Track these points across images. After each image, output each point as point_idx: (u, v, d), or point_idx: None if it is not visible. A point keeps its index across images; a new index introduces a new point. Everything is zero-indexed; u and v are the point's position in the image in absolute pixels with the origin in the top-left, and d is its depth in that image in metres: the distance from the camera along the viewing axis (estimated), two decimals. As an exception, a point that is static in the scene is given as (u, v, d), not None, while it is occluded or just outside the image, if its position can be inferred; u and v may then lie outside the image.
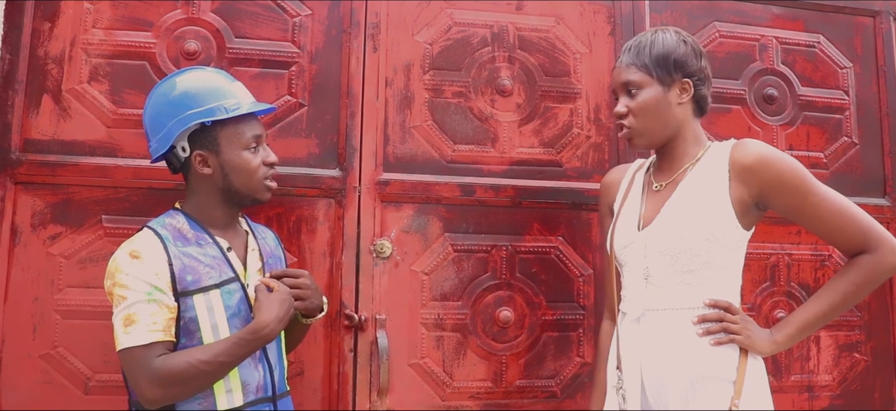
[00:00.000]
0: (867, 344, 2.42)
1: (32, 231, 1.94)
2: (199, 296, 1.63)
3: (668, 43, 1.73)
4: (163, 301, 1.58)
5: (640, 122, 1.72)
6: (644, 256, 1.70)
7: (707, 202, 1.64)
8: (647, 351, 1.67)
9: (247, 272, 1.73)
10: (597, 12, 2.37)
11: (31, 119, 1.98)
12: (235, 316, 1.67)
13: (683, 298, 1.64)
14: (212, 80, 1.74)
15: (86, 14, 2.04)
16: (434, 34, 2.24)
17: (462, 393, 2.13)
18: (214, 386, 1.61)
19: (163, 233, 1.66)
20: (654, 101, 1.71)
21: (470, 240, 2.18)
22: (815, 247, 2.41)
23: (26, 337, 1.91)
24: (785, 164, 1.62)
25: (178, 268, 1.62)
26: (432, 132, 2.20)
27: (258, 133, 1.73)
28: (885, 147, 2.52)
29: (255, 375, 1.67)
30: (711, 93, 2.34)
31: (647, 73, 1.71)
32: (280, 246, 1.92)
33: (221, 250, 1.70)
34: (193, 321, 1.62)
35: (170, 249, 1.64)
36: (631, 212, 1.79)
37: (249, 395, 1.65)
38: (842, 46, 2.55)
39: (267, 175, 1.73)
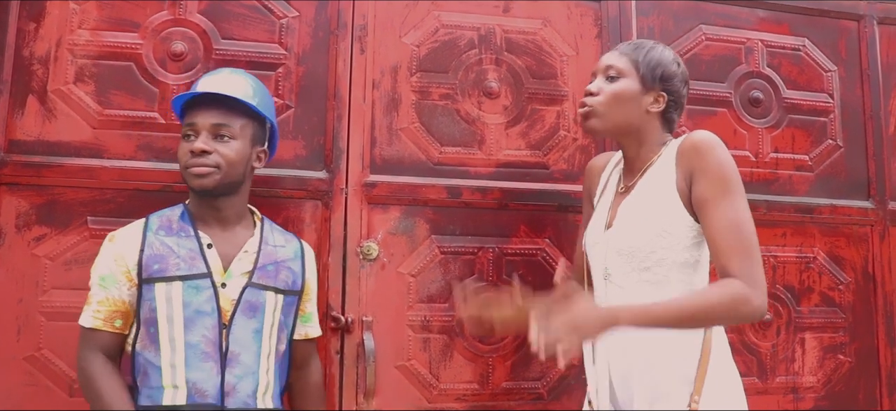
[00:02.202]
0: (851, 345, 2.44)
1: (17, 232, 1.94)
2: (161, 284, 1.65)
3: (664, 56, 1.77)
4: (111, 293, 1.67)
5: (605, 106, 1.74)
6: (605, 256, 1.72)
7: (658, 198, 1.66)
8: (613, 352, 1.68)
9: (228, 272, 1.71)
10: (584, 15, 2.38)
11: (16, 120, 1.97)
12: (202, 314, 1.66)
13: (645, 297, 1.64)
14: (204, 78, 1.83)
15: (72, 14, 2.04)
16: (421, 36, 2.25)
17: (448, 395, 2.13)
18: (163, 379, 1.63)
19: (152, 221, 1.73)
20: (628, 94, 1.73)
21: (457, 242, 2.18)
22: (799, 250, 2.42)
23: (10, 338, 1.90)
24: (715, 154, 1.59)
25: (147, 255, 1.67)
26: (419, 134, 2.20)
27: (192, 121, 1.72)
28: (869, 150, 2.54)
29: (206, 378, 1.64)
30: (697, 95, 2.38)
31: (633, 66, 1.75)
32: (302, 259, 1.85)
33: (200, 245, 1.70)
34: (153, 310, 1.65)
35: (148, 237, 1.69)
36: (602, 211, 1.81)
37: (193, 397, 1.63)
38: (826, 50, 2.57)
39: (188, 164, 1.70)
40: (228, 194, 1.75)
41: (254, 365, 1.70)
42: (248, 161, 1.78)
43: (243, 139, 1.75)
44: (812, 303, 2.42)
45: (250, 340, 1.71)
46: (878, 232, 2.50)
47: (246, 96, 1.76)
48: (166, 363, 1.64)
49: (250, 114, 1.78)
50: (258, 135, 1.80)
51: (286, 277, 1.79)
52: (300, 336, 1.87)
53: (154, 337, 1.65)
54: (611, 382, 1.70)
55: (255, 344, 1.71)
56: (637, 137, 1.76)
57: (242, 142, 1.75)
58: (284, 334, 1.80)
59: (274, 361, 1.76)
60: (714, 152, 1.59)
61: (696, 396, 1.56)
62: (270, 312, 1.75)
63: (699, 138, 1.62)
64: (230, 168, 1.72)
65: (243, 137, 1.75)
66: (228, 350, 1.67)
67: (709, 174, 1.58)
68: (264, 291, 1.74)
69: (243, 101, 1.75)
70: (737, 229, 1.53)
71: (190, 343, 1.65)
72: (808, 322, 2.41)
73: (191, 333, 1.65)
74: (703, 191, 1.58)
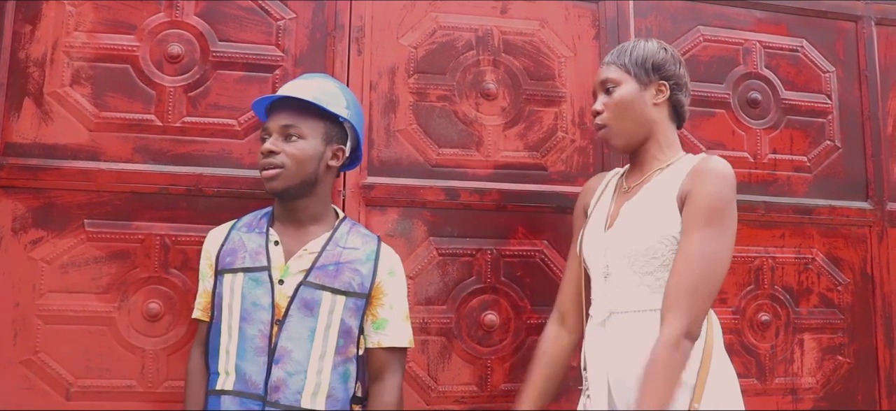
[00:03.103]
0: (850, 346, 2.44)
1: (13, 235, 1.93)
2: (229, 275, 1.74)
3: (648, 47, 1.80)
4: (206, 285, 1.82)
5: (615, 120, 1.76)
6: (605, 257, 1.72)
7: (662, 204, 1.67)
8: (612, 354, 1.68)
9: (285, 269, 1.73)
10: (581, 16, 2.38)
11: (12, 122, 1.97)
12: (259, 307, 1.70)
13: (645, 300, 1.65)
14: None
15: (68, 17, 2.03)
16: (419, 38, 2.24)
17: (447, 397, 2.13)
18: (219, 363, 1.72)
19: (242, 219, 1.84)
20: (629, 98, 1.75)
21: (455, 244, 2.18)
22: (798, 251, 2.42)
23: (7, 342, 1.89)
24: (717, 182, 1.61)
25: (225, 248, 1.78)
26: (417, 136, 2.20)
27: (267, 125, 1.78)
28: (867, 151, 2.54)
29: (254, 369, 1.68)
30: (695, 97, 2.38)
31: (624, 71, 1.77)
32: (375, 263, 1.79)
33: (267, 240, 1.76)
34: (220, 298, 1.75)
35: (231, 233, 1.81)
36: (600, 213, 1.81)
37: (239, 385, 1.68)
38: (824, 50, 2.57)
39: (261, 164, 1.75)
40: (303, 195, 1.77)
41: (304, 364, 1.69)
42: (321, 159, 1.78)
43: (314, 138, 1.76)
44: (811, 304, 2.42)
45: (304, 339, 1.70)
46: (877, 233, 2.50)
47: (317, 97, 1.78)
48: (223, 349, 1.72)
49: (324, 115, 1.79)
50: (333, 134, 1.80)
51: (350, 278, 1.75)
52: (373, 344, 1.79)
53: (218, 325, 1.75)
54: (608, 384, 1.69)
55: (308, 342, 1.70)
56: (651, 137, 1.77)
57: (312, 141, 1.76)
58: (350, 338, 1.75)
59: (330, 363, 1.72)
60: (716, 180, 1.61)
61: (695, 403, 1.56)
62: (326, 313, 1.72)
63: (713, 163, 1.64)
64: (297, 167, 1.73)
65: (314, 136, 1.76)
66: (278, 345, 1.69)
67: (701, 198, 1.60)
68: (320, 291, 1.72)
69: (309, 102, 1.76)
70: (694, 265, 1.55)
71: (244, 333, 1.70)
72: (807, 323, 2.41)
73: (246, 324, 1.70)
74: (688, 212, 1.61)
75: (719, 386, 1.62)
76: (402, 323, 1.81)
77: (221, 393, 1.69)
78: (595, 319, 1.75)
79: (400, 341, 1.80)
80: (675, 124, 1.82)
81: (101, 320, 1.95)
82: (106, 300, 1.96)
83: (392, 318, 1.80)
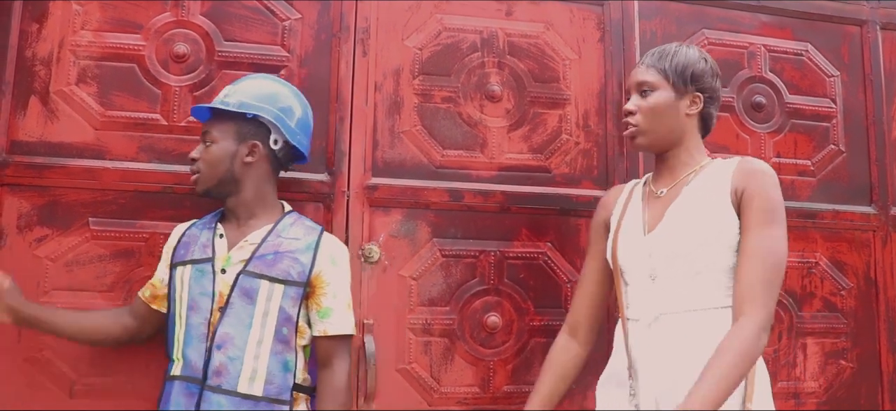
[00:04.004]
0: (853, 351, 2.43)
1: (18, 233, 1.93)
2: (180, 268, 1.83)
3: (689, 56, 1.80)
4: (159, 273, 1.90)
5: (646, 122, 1.77)
6: (650, 260, 1.72)
7: (710, 204, 1.69)
8: (662, 355, 1.68)
9: (227, 260, 1.80)
10: (586, 19, 2.38)
11: (18, 120, 1.97)
12: (203, 296, 1.78)
13: (695, 300, 1.67)
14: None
15: (74, 16, 2.04)
16: (424, 39, 2.25)
17: (449, 398, 2.13)
18: (174, 351, 1.81)
19: (202, 219, 1.91)
20: (664, 105, 1.77)
21: (458, 246, 2.18)
22: (801, 255, 2.42)
23: (11, 340, 1.89)
24: (771, 182, 1.67)
25: (181, 242, 1.87)
26: (421, 137, 2.20)
27: (204, 129, 1.87)
28: (872, 155, 2.54)
29: (196, 355, 1.76)
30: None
31: (663, 77, 1.78)
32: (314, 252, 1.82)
33: (214, 233, 1.85)
34: (174, 289, 1.83)
35: (190, 229, 1.89)
36: (634, 219, 1.81)
37: (186, 370, 1.77)
38: (829, 55, 2.57)
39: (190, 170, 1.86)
40: (230, 193, 1.85)
41: (242, 350, 1.75)
42: (234, 158, 1.84)
43: (224, 140, 1.84)
44: (814, 308, 2.42)
45: (244, 326, 1.76)
46: (881, 237, 2.50)
47: (225, 98, 1.86)
48: (176, 338, 1.81)
49: (234, 116, 1.85)
50: (246, 131, 1.85)
51: (288, 267, 1.80)
52: (319, 332, 1.83)
53: (173, 315, 1.83)
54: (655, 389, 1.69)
55: (247, 330, 1.76)
56: (680, 143, 1.80)
57: (223, 143, 1.84)
58: (290, 325, 1.79)
59: (267, 349, 1.76)
60: (770, 180, 1.67)
61: (748, 404, 1.60)
62: (264, 300, 1.78)
63: (760, 164, 1.70)
64: (209, 169, 1.83)
65: (224, 138, 1.84)
66: (218, 331, 1.75)
67: (760, 197, 1.64)
68: (258, 279, 1.78)
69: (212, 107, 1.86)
70: (765, 259, 1.60)
71: (190, 322, 1.78)
72: (810, 327, 2.40)
73: (192, 312, 1.79)
74: (749, 211, 1.64)
75: (763, 387, 1.65)
76: (345, 311, 1.85)
77: (173, 379, 1.78)
78: (640, 322, 1.73)
79: (345, 329, 1.84)
80: (702, 133, 1.84)
81: (105, 318, 1.95)
82: (110, 298, 1.96)
83: (336, 307, 1.84)
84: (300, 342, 1.83)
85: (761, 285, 1.57)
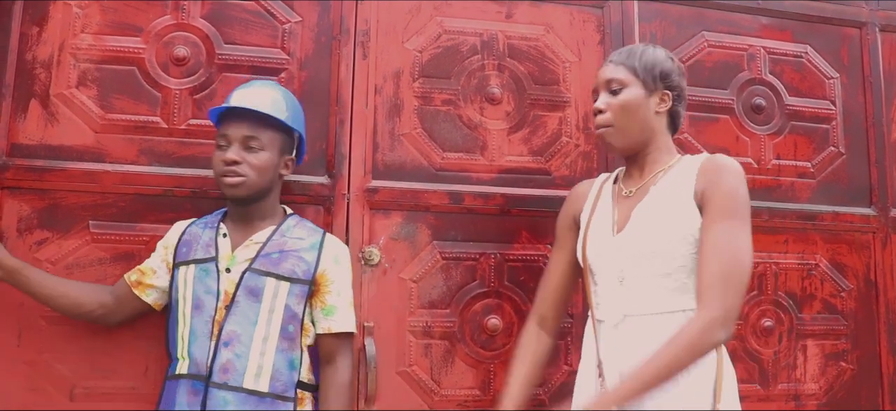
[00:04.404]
0: (853, 352, 2.43)
1: (19, 236, 1.93)
2: (183, 267, 1.84)
3: (657, 55, 1.81)
4: (150, 262, 1.90)
5: (618, 119, 1.77)
6: (618, 260, 1.71)
7: (678, 203, 1.68)
8: (627, 358, 1.66)
9: (232, 259, 1.83)
10: (586, 21, 2.38)
11: (19, 123, 1.97)
12: (207, 294, 1.80)
13: (662, 302, 1.66)
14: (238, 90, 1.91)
15: (75, 19, 2.04)
16: (424, 42, 2.25)
17: (450, 401, 2.13)
18: (178, 351, 1.82)
19: (202, 219, 1.92)
20: (635, 102, 1.76)
21: (458, 248, 2.18)
22: (801, 256, 2.42)
23: (11, 343, 1.89)
24: (733, 178, 1.65)
25: (182, 241, 1.87)
26: (421, 140, 2.20)
27: (225, 133, 1.84)
28: (871, 157, 2.54)
29: (201, 353, 1.77)
30: (700, 102, 2.39)
31: (633, 74, 1.78)
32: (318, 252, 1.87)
33: (216, 233, 1.86)
34: (176, 290, 1.84)
35: (190, 228, 1.89)
36: (603, 219, 1.80)
37: (192, 368, 1.78)
38: (829, 57, 2.57)
39: (222, 172, 1.82)
40: (258, 200, 1.88)
41: (248, 348, 1.77)
42: (276, 169, 1.89)
43: (271, 150, 1.86)
44: (814, 310, 2.42)
45: (249, 323, 1.79)
46: (880, 239, 2.50)
47: (276, 110, 1.86)
48: (180, 337, 1.82)
49: (279, 126, 1.88)
50: (286, 145, 1.91)
51: (294, 266, 1.83)
52: (323, 330, 1.86)
53: (175, 314, 1.84)
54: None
55: (252, 326, 1.79)
56: (650, 142, 1.79)
57: (271, 153, 1.86)
58: (296, 323, 1.83)
59: (273, 346, 1.80)
60: (732, 176, 1.65)
61: (718, 404, 1.59)
62: (270, 297, 1.81)
63: (723, 159, 1.70)
64: (258, 177, 1.83)
65: (272, 148, 1.86)
66: (225, 329, 1.77)
67: (721, 192, 1.63)
68: (265, 277, 1.81)
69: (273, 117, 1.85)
70: (722, 253, 1.58)
71: (195, 320, 1.80)
72: (810, 329, 2.40)
73: (197, 311, 1.80)
74: (710, 207, 1.63)
75: (731, 388, 1.64)
76: (348, 309, 1.90)
77: (178, 378, 1.79)
78: (607, 323, 1.73)
79: (348, 327, 1.89)
80: (671, 131, 1.84)
81: (105, 321, 1.95)
82: (110, 301, 1.96)
83: (340, 305, 1.88)
84: (305, 340, 1.85)
85: (719, 280, 1.55)
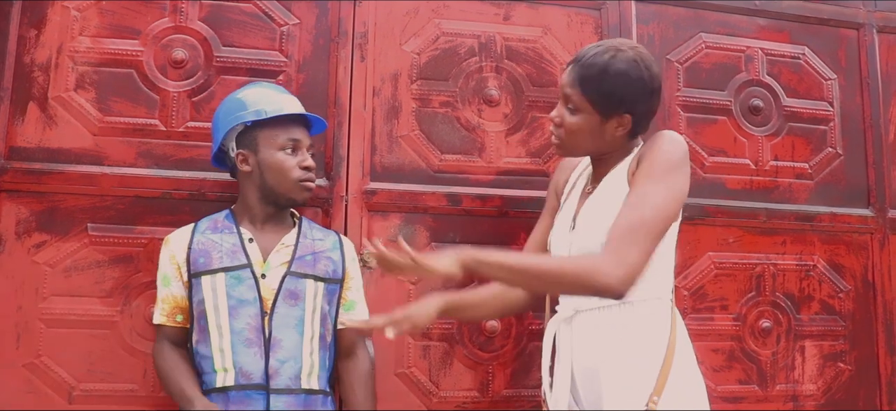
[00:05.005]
0: (851, 353, 2.44)
1: (17, 239, 1.93)
2: (207, 277, 1.79)
3: (619, 77, 1.63)
4: (172, 290, 1.82)
5: (567, 140, 1.73)
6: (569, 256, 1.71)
7: (616, 198, 1.64)
8: (576, 351, 1.67)
9: (267, 264, 1.83)
10: (584, 23, 2.38)
11: (17, 126, 1.98)
12: (245, 303, 1.78)
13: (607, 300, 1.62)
14: (262, 90, 1.93)
15: (73, 21, 2.04)
16: (422, 44, 2.25)
17: (448, 402, 2.13)
18: (214, 364, 1.77)
19: (200, 224, 1.87)
20: (587, 128, 1.68)
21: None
22: (799, 257, 2.42)
23: (9, 345, 1.90)
24: (665, 144, 1.60)
25: (194, 251, 1.81)
26: (419, 142, 2.21)
27: (295, 137, 1.87)
28: (869, 158, 2.54)
29: (251, 361, 1.76)
30: (697, 103, 2.38)
31: (589, 102, 1.65)
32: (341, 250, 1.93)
33: (241, 239, 1.84)
34: (201, 302, 1.79)
35: (196, 236, 1.84)
36: (567, 212, 1.80)
37: (241, 379, 1.75)
38: (826, 58, 2.57)
39: (302, 177, 1.86)
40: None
41: (297, 349, 1.80)
42: None
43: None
44: (812, 310, 2.42)
45: (292, 326, 1.80)
46: (878, 240, 2.50)
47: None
48: (216, 349, 1.78)
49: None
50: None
51: (326, 266, 1.88)
52: (344, 324, 1.88)
53: (204, 327, 1.79)
54: (573, 380, 1.69)
55: (297, 329, 1.81)
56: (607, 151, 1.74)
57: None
58: (328, 321, 1.88)
59: (318, 345, 1.84)
60: (664, 142, 1.61)
61: (655, 396, 1.55)
62: (311, 299, 1.84)
63: (661, 132, 1.65)
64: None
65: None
66: (271, 335, 1.78)
67: (648, 158, 1.60)
68: (304, 279, 1.84)
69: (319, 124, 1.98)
70: (636, 210, 1.53)
71: (235, 329, 1.77)
72: (808, 330, 2.41)
73: (236, 320, 1.77)
74: (638, 170, 1.60)
75: (682, 387, 1.60)
76: (364, 303, 1.97)
77: (226, 390, 1.75)
78: (561, 315, 1.74)
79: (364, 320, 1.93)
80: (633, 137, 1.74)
81: (103, 324, 1.95)
82: (109, 304, 1.96)
83: (358, 300, 1.95)
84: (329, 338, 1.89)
85: (622, 233, 1.50)
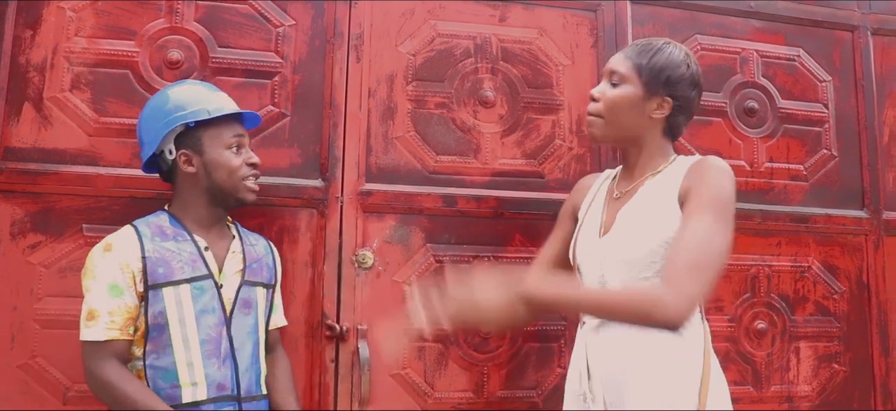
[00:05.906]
0: (846, 354, 2.44)
1: (12, 240, 1.93)
2: (169, 289, 1.72)
3: (672, 58, 1.71)
4: (126, 300, 1.69)
5: (608, 113, 1.72)
6: (601, 264, 1.70)
7: (660, 207, 1.64)
8: (608, 361, 1.66)
9: (223, 273, 1.80)
10: (580, 24, 2.39)
11: (12, 127, 1.97)
12: (206, 313, 1.74)
13: None
14: (197, 89, 1.88)
15: (68, 22, 2.04)
16: (417, 45, 2.25)
17: (443, 403, 2.13)
18: (180, 378, 1.69)
19: (142, 229, 1.76)
20: (628, 101, 1.71)
21: (452, 251, 2.18)
22: (794, 259, 2.43)
23: (4, 346, 1.89)
24: (718, 175, 1.60)
25: (150, 261, 1.71)
26: (415, 143, 2.21)
27: (239, 133, 1.83)
28: (864, 160, 2.55)
29: (220, 373, 1.74)
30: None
31: (636, 72, 1.71)
32: (272, 254, 1.97)
33: (198, 248, 1.78)
34: (162, 314, 1.70)
35: (146, 244, 1.73)
36: (593, 220, 1.79)
37: (212, 391, 1.72)
38: (821, 60, 2.58)
39: (248, 175, 1.82)
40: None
41: (253, 356, 1.81)
42: None
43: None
44: (806, 312, 2.43)
45: (247, 334, 1.81)
46: (873, 241, 2.51)
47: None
48: (182, 363, 1.71)
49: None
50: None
51: (267, 273, 1.91)
52: (272, 326, 1.93)
53: (165, 340, 1.70)
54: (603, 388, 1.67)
55: (251, 337, 1.82)
56: (638, 143, 1.75)
57: None
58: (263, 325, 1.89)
59: (261, 349, 1.86)
60: (717, 173, 1.60)
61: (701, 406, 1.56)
62: (262, 305, 1.87)
63: (713, 159, 1.65)
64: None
65: None
66: (234, 344, 1.77)
67: (702, 187, 1.58)
68: (255, 287, 1.85)
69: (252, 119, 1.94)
70: (697, 245, 1.50)
71: (202, 341, 1.73)
72: (803, 331, 2.41)
73: (202, 332, 1.74)
74: (690, 200, 1.58)
75: (719, 393, 1.61)
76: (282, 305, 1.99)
77: (197, 404, 1.70)
78: (588, 325, 1.73)
79: (285, 320, 1.99)
80: (669, 137, 1.78)
81: (98, 325, 1.95)
82: (104, 305, 1.96)
83: (279, 303, 1.98)
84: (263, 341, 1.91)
85: (685, 267, 1.48)
